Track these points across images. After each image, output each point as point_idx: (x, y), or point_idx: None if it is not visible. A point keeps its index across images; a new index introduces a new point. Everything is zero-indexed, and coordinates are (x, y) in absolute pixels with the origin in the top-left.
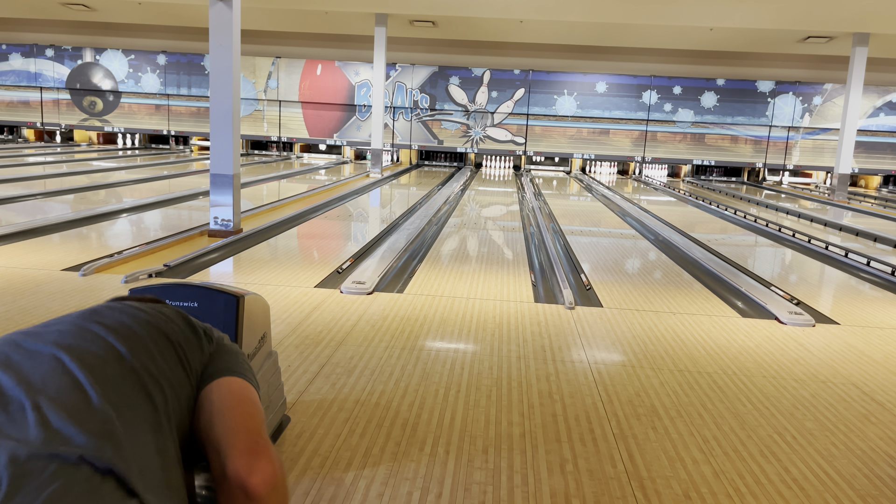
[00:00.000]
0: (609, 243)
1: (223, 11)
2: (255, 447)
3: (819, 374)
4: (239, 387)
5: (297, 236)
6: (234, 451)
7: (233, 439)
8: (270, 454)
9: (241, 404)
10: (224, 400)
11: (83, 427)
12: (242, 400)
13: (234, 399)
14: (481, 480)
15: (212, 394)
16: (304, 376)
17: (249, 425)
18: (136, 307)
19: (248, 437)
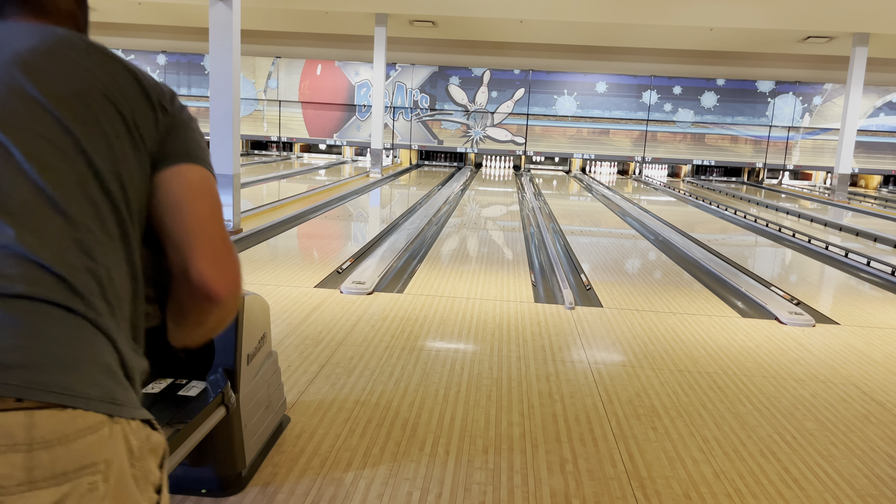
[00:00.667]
0: (609, 243)
1: (223, 11)
2: (221, 252)
3: (819, 374)
4: (200, 178)
5: (297, 236)
6: (199, 255)
7: (197, 241)
8: (234, 258)
9: (204, 199)
10: (185, 193)
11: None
12: (204, 193)
13: (195, 193)
14: (481, 480)
15: (170, 183)
16: (304, 376)
17: (213, 226)
18: (78, 62)
19: (213, 239)
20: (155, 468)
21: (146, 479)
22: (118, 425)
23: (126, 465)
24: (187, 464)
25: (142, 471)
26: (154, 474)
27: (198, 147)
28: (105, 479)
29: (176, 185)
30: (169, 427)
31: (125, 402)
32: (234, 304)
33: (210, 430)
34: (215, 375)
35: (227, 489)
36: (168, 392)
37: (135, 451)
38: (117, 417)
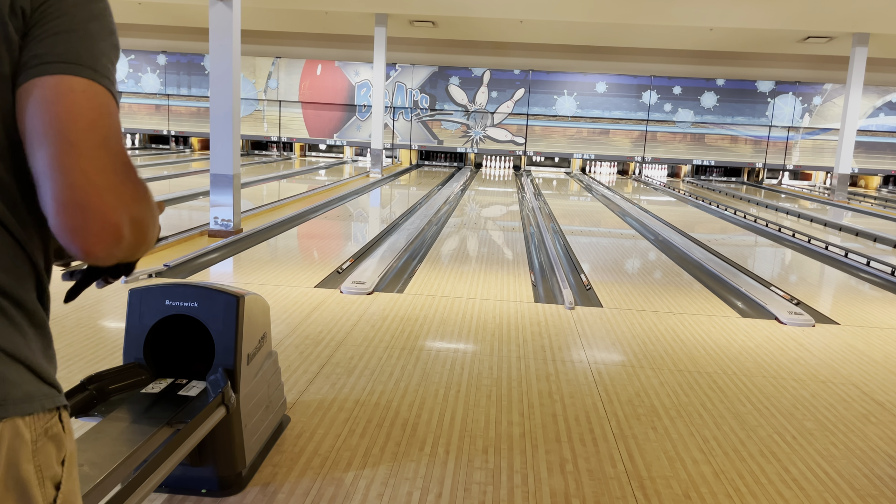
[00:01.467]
0: (609, 243)
1: (223, 11)
2: (80, 201)
3: (819, 374)
4: (65, 88)
5: (297, 236)
6: (52, 203)
7: (50, 184)
8: (107, 214)
9: (64, 120)
10: (40, 116)
11: None
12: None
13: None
14: (481, 480)
15: (24, 100)
16: (304, 376)
17: (73, 161)
18: None
19: (69, 182)
20: (55, 463)
21: (44, 472)
22: (3, 423)
23: (19, 457)
24: (187, 464)
25: (42, 463)
26: (53, 469)
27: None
28: None
29: (31, 104)
30: (169, 427)
31: (14, 397)
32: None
33: (210, 430)
34: (215, 375)
35: (227, 489)
36: (168, 392)
37: (30, 442)
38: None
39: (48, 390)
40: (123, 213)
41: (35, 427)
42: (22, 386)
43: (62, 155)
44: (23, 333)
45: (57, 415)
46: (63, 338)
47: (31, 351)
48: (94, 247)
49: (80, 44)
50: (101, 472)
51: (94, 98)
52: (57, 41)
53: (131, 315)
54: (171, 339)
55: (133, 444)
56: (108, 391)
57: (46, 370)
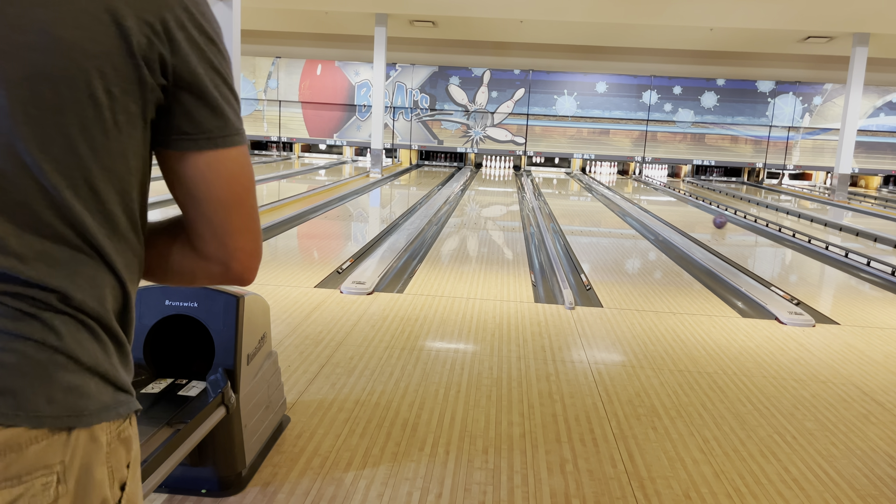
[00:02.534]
0: (609, 243)
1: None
2: (255, 248)
3: (819, 374)
4: (229, 168)
5: (297, 236)
6: (233, 251)
7: (232, 238)
8: (260, 244)
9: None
10: (217, 195)
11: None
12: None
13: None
14: (481, 480)
15: (191, 168)
16: (304, 376)
17: (247, 220)
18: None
19: (247, 238)
20: (123, 465)
21: (115, 474)
22: (79, 430)
23: (94, 462)
24: (187, 464)
25: (114, 465)
26: (122, 471)
27: (223, 114)
28: (61, 480)
29: (194, 179)
30: (169, 427)
31: (92, 409)
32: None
33: (210, 430)
34: (215, 375)
35: (227, 489)
36: (168, 392)
37: (104, 445)
38: (79, 429)
39: (124, 398)
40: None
41: (110, 432)
42: (100, 398)
43: (250, 217)
44: (105, 350)
45: (129, 419)
46: None
47: (112, 365)
48: (254, 278)
49: (226, 108)
50: None
51: (247, 163)
52: (210, 113)
53: None
54: (171, 339)
55: None
56: None
57: (124, 380)
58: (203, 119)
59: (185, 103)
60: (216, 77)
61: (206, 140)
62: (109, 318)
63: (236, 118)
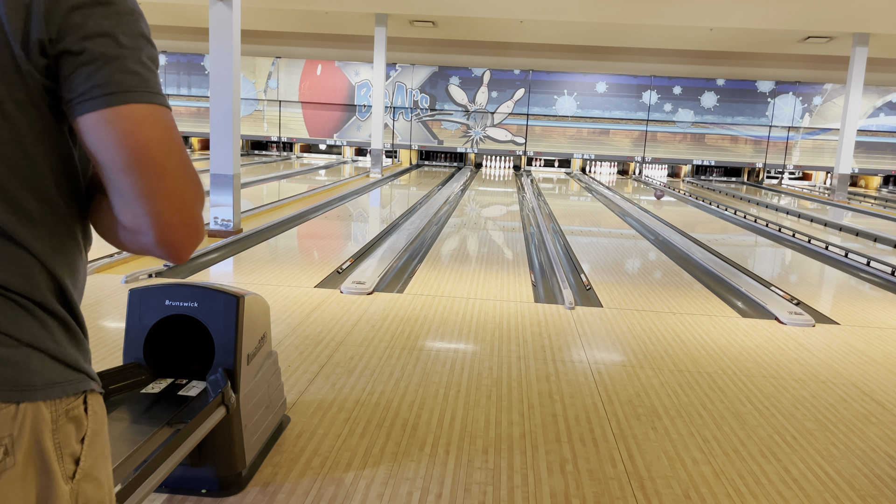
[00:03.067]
0: (609, 243)
1: (223, 11)
2: (186, 218)
3: (819, 374)
4: (122, 129)
5: (297, 236)
6: (155, 223)
7: (151, 207)
8: (196, 217)
9: (150, 149)
10: (121, 147)
11: None
12: (149, 141)
13: (136, 144)
14: (481, 480)
15: (94, 131)
16: (305, 376)
17: (169, 186)
18: None
19: (171, 205)
20: (74, 441)
21: (63, 449)
22: (27, 404)
23: (43, 436)
24: (187, 464)
25: (62, 441)
26: (72, 446)
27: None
28: (9, 453)
29: (89, 144)
30: (169, 427)
31: (37, 385)
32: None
33: (210, 430)
34: (215, 375)
35: (227, 489)
36: (168, 392)
37: (49, 421)
38: (25, 403)
39: (75, 376)
40: (201, 218)
41: (56, 409)
42: (44, 373)
43: (157, 181)
44: (46, 327)
45: (82, 398)
46: None
47: (56, 342)
48: (189, 253)
49: (106, 66)
50: None
51: (161, 119)
52: (111, 70)
53: (131, 315)
54: (171, 339)
55: (133, 444)
56: (108, 391)
57: (74, 358)
58: (80, 82)
59: (65, 71)
60: (95, 37)
61: (87, 101)
62: (43, 297)
63: (127, 76)
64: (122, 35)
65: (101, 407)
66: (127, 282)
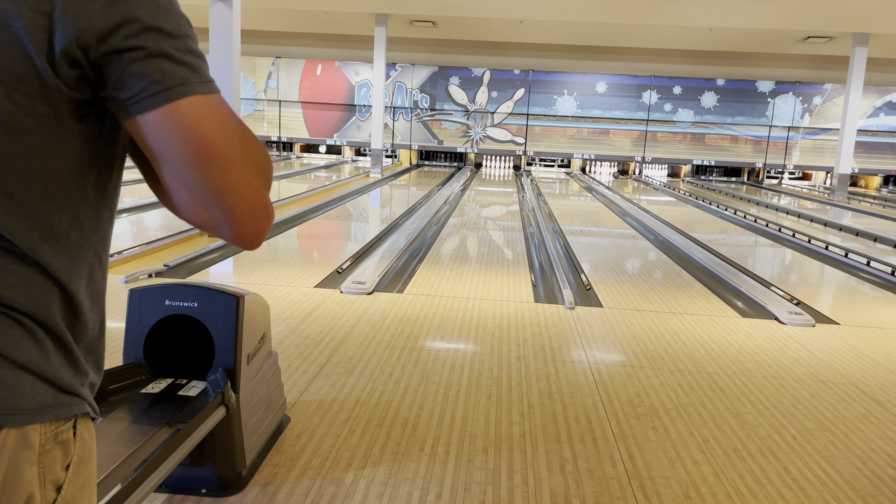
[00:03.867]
0: (609, 243)
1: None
2: (256, 209)
3: (819, 374)
4: (184, 125)
5: (297, 236)
6: (230, 216)
7: (224, 202)
8: (265, 206)
9: (212, 142)
10: (183, 143)
11: None
12: (211, 133)
13: (197, 138)
14: (481, 480)
15: (153, 129)
16: (304, 376)
17: (235, 177)
18: None
19: (243, 197)
20: (59, 468)
21: (47, 475)
22: (9, 429)
23: (24, 461)
24: (187, 464)
25: (46, 467)
26: (56, 473)
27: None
28: None
29: (152, 144)
30: (169, 427)
31: (25, 409)
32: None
33: (210, 430)
34: (215, 375)
35: (227, 489)
36: (168, 392)
37: (37, 446)
38: (8, 428)
39: (67, 399)
40: (268, 196)
41: (45, 433)
42: (34, 397)
43: (226, 174)
44: (43, 349)
45: (72, 422)
46: None
47: (51, 364)
48: (263, 238)
49: (155, 62)
50: (102, 471)
51: (220, 108)
52: (163, 63)
53: (131, 315)
54: (171, 339)
55: (133, 444)
56: (108, 391)
57: (68, 382)
58: (134, 80)
59: (113, 72)
60: (141, 32)
61: (145, 99)
62: (49, 317)
63: (179, 67)
64: (165, 24)
65: (90, 433)
66: (127, 282)
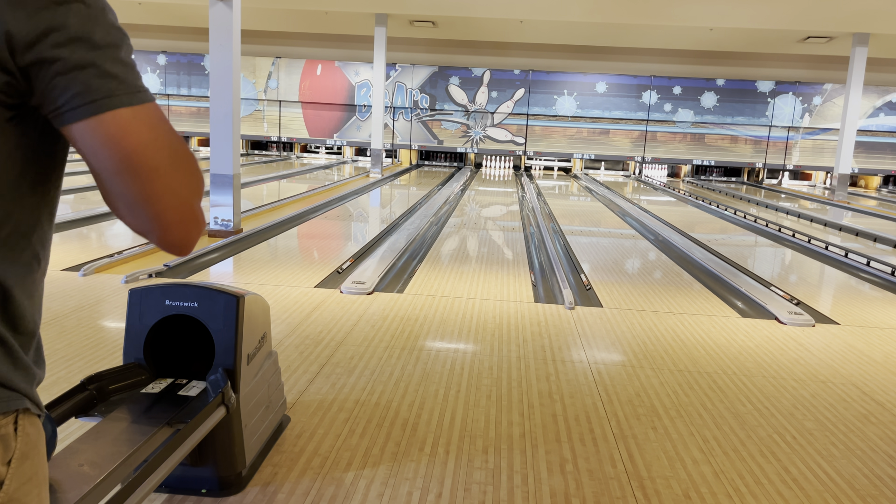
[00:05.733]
0: (609, 243)
1: (223, 11)
2: (183, 218)
3: (819, 374)
4: (108, 135)
5: (297, 236)
6: (157, 224)
7: (151, 210)
8: (194, 214)
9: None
10: (110, 156)
11: None
12: (135, 145)
13: (123, 150)
14: (481, 480)
15: (85, 140)
16: (304, 376)
17: (162, 186)
18: None
19: (168, 205)
20: (0, 463)
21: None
22: None
23: None
24: (187, 464)
25: None
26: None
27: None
28: None
29: (83, 152)
30: (169, 427)
31: None
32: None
33: (210, 430)
34: (215, 375)
35: (227, 489)
36: (168, 392)
37: None
38: None
39: (6, 394)
40: (199, 205)
41: None
42: None
43: (150, 183)
44: None
45: (12, 417)
46: (63, 338)
47: None
48: (191, 247)
49: (109, 68)
50: (101, 472)
51: (146, 119)
52: (88, 75)
53: (131, 315)
54: (171, 339)
55: (133, 444)
56: (108, 391)
57: (7, 376)
58: (59, 93)
59: (40, 81)
60: (67, 43)
61: (70, 111)
62: None
63: (105, 80)
64: (94, 34)
65: (34, 429)
66: (127, 282)
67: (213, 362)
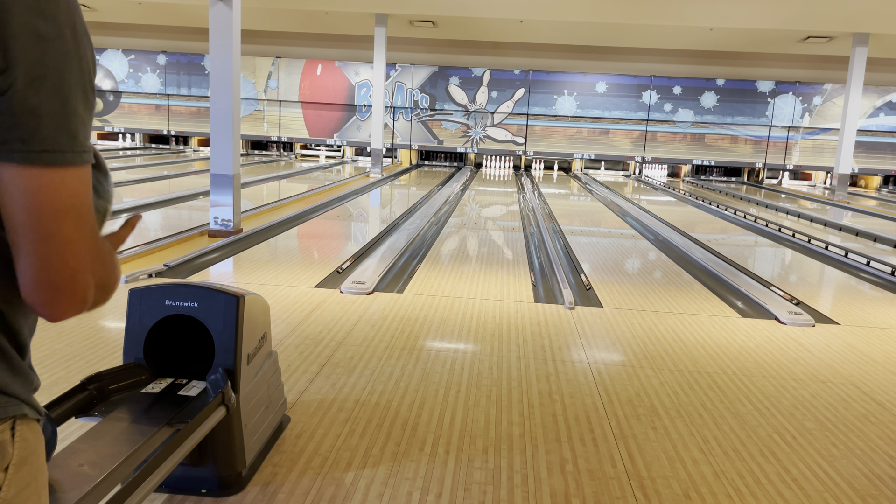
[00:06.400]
0: (609, 243)
1: (223, 11)
2: (54, 282)
3: (819, 374)
4: (45, 181)
5: (297, 236)
6: (29, 279)
7: (29, 264)
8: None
9: (43, 214)
10: (20, 206)
11: None
12: (45, 206)
13: (33, 206)
14: (481, 480)
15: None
16: (304, 376)
17: (51, 249)
18: None
19: (47, 266)
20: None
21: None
22: None
23: None
24: (187, 464)
25: None
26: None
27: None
28: None
29: (8, 192)
30: (169, 427)
31: None
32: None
33: (210, 430)
34: (215, 375)
35: (227, 489)
36: (168, 392)
37: None
38: None
39: (4, 400)
40: (91, 284)
41: None
42: None
43: (41, 243)
44: None
45: (10, 423)
46: (63, 338)
47: None
48: (60, 317)
49: (54, 119)
50: (101, 472)
51: (68, 186)
52: (30, 119)
53: (131, 315)
54: (171, 339)
55: (133, 444)
56: (108, 391)
57: (4, 382)
58: (2, 130)
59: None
60: (33, 80)
61: (9, 151)
62: None
63: (55, 132)
64: (59, 76)
65: (33, 434)
66: (127, 282)
67: (213, 362)
